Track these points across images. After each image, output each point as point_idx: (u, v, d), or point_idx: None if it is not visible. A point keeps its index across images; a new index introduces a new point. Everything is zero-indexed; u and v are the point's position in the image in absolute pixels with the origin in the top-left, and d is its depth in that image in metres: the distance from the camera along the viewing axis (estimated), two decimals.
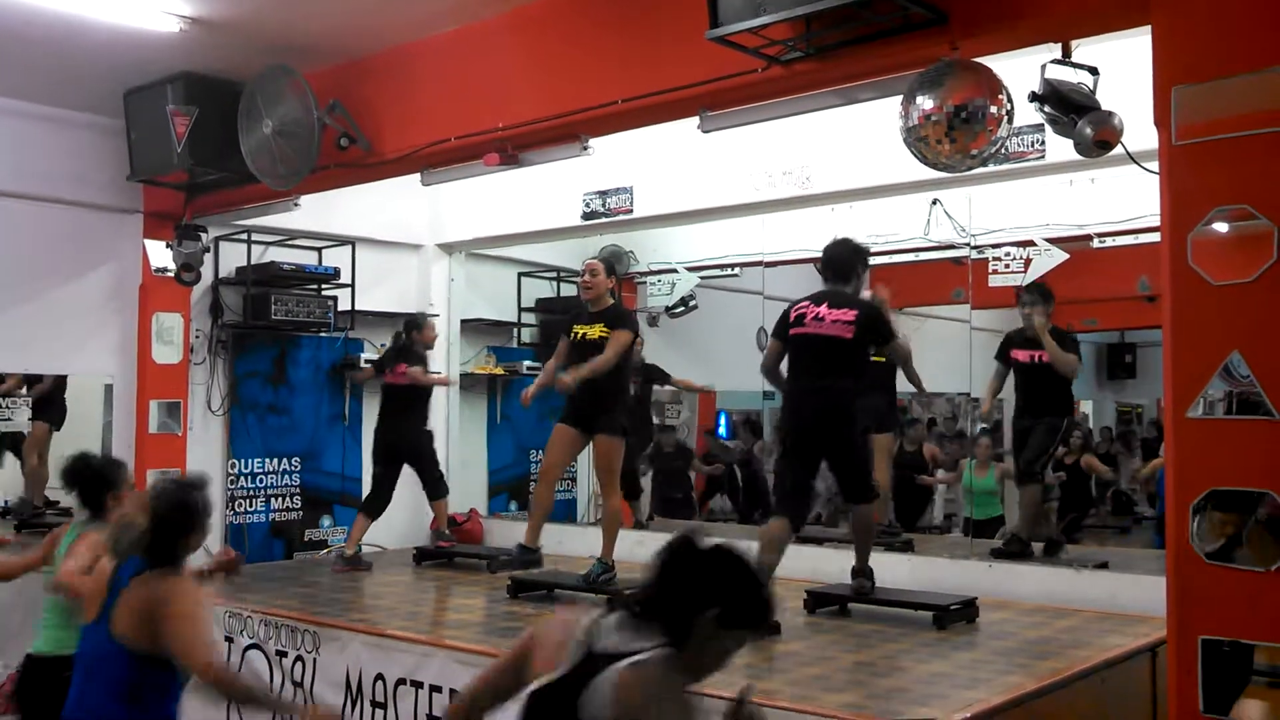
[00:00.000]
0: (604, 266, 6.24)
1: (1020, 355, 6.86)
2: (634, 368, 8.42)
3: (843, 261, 5.66)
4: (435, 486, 7.74)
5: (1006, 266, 6.92)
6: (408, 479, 7.70)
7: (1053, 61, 4.00)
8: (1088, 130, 3.87)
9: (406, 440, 7.65)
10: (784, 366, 5.65)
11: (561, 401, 6.29)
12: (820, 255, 5.76)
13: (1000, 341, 7.09)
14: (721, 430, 11.14)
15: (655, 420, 9.85)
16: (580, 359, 6.08)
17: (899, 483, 8.71)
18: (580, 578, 6.07)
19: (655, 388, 9.42)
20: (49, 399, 7.86)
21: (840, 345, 5.43)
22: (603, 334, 6.05)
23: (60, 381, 7.67)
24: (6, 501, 7.82)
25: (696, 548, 2.44)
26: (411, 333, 7.77)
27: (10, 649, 6.02)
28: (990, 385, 7.16)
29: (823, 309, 5.50)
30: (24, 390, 7.67)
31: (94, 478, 4.56)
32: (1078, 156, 4.07)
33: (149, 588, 3.44)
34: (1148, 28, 3.48)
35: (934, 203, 7.03)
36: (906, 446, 9.19)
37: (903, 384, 7.44)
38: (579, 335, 6.16)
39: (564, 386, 5.96)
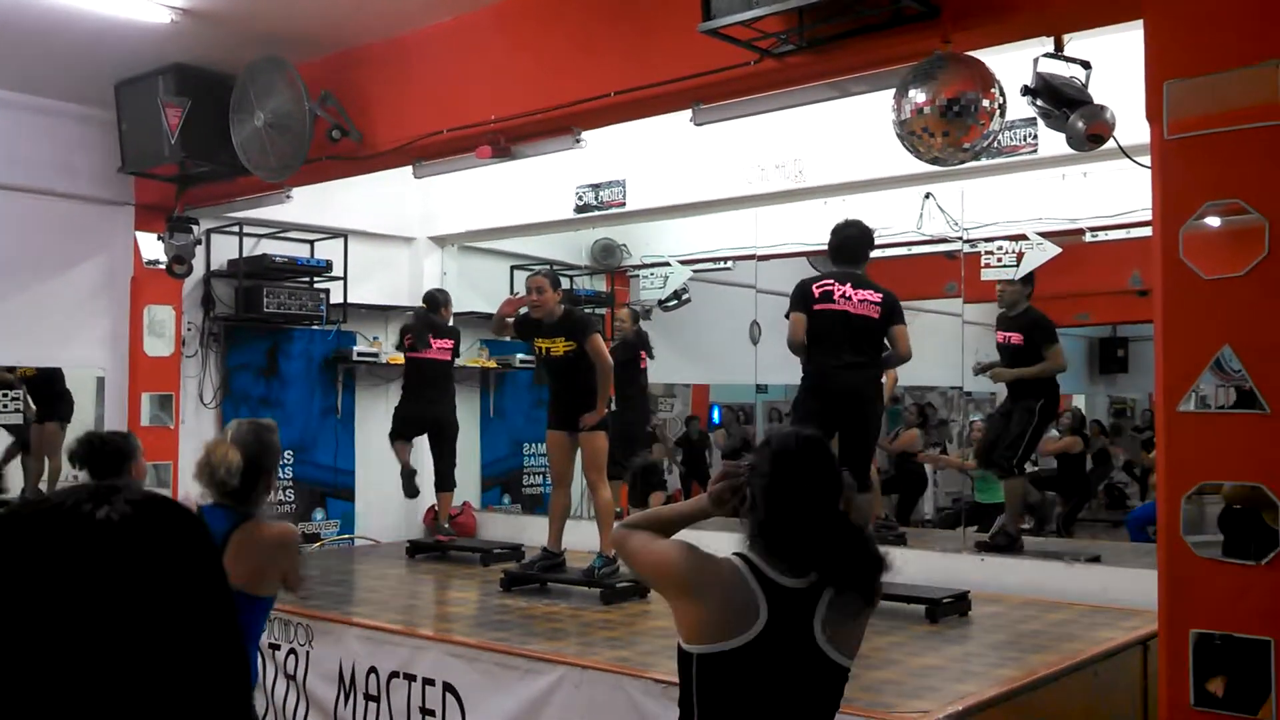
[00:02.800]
0: (549, 281, 6.34)
1: (998, 337, 6.88)
2: (629, 343, 8.49)
3: (855, 244, 5.71)
4: (446, 478, 7.69)
5: (999, 260, 6.93)
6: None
7: (1045, 55, 4.00)
8: (1080, 124, 3.87)
9: (439, 415, 7.66)
10: None
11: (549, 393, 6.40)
12: (831, 237, 5.76)
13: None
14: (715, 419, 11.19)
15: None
16: (553, 374, 6.33)
17: (892, 476, 8.76)
18: (582, 572, 6.08)
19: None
20: (54, 396, 7.84)
21: (870, 325, 5.52)
22: (567, 347, 6.15)
23: (57, 375, 7.66)
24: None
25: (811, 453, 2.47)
26: (440, 309, 7.74)
27: None
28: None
29: (848, 288, 5.53)
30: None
31: (113, 453, 4.49)
32: (1070, 150, 4.09)
33: (259, 534, 3.37)
34: (1140, 22, 3.48)
35: (926, 196, 7.03)
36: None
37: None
38: (544, 350, 6.28)
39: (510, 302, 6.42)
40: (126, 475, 4.47)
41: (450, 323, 7.89)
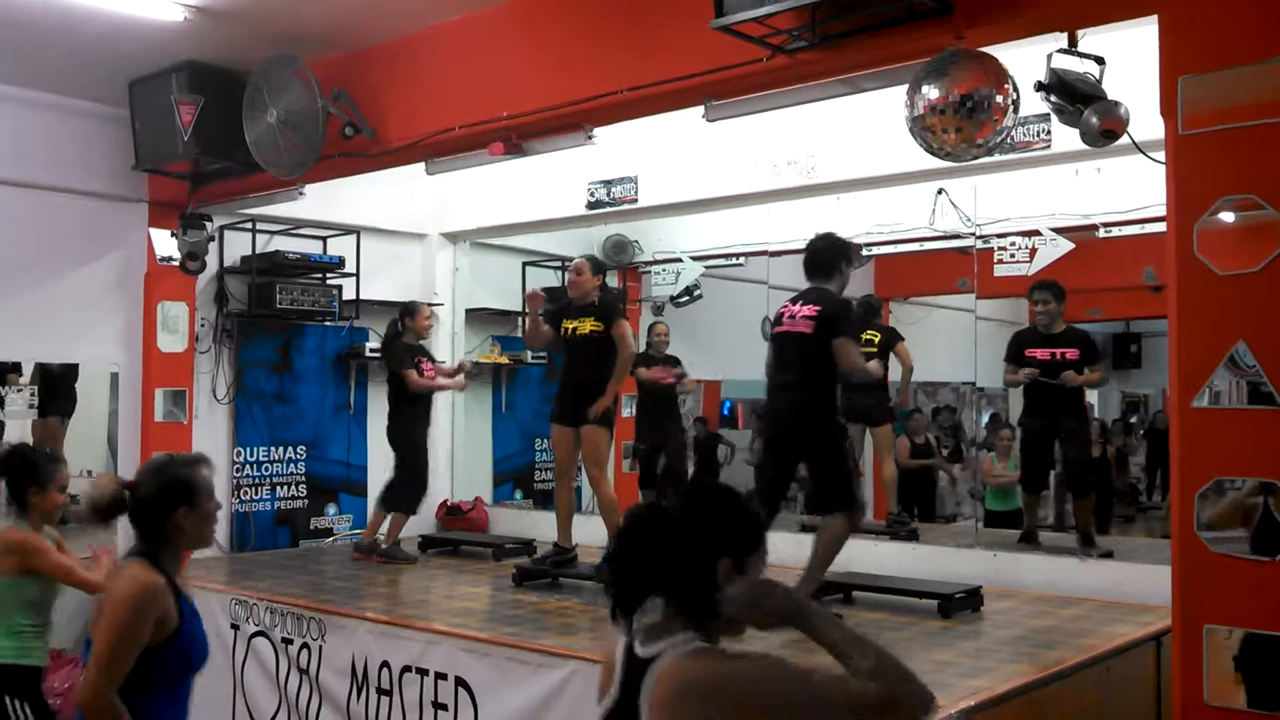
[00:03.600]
0: (590, 265, 6.36)
1: (1039, 354, 6.67)
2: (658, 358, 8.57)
3: (820, 257, 5.54)
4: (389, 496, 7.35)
5: (1012, 256, 6.91)
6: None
7: (1059, 51, 3.99)
8: (1094, 120, 3.86)
9: (392, 431, 7.48)
10: None
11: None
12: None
13: (1009, 341, 6.95)
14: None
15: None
16: (573, 354, 6.29)
17: (907, 474, 8.72)
18: (591, 567, 6.08)
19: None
20: (56, 390, 7.87)
21: (802, 341, 5.33)
22: (594, 328, 6.16)
23: (68, 371, 7.68)
24: None
25: (657, 512, 2.23)
26: (405, 319, 7.50)
27: None
28: (1008, 380, 7.02)
29: (796, 306, 5.45)
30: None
31: (25, 468, 4.49)
32: (1083, 146, 4.07)
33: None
34: (1154, 17, 3.47)
35: (939, 192, 7.02)
36: (915, 439, 9.20)
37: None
38: (569, 330, 6.26)
39: (533, 296, 6.41)
40: (35, 498, 4.45)
41: (424, 336, 7.63)
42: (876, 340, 7.77)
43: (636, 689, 2.10)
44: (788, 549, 6.99)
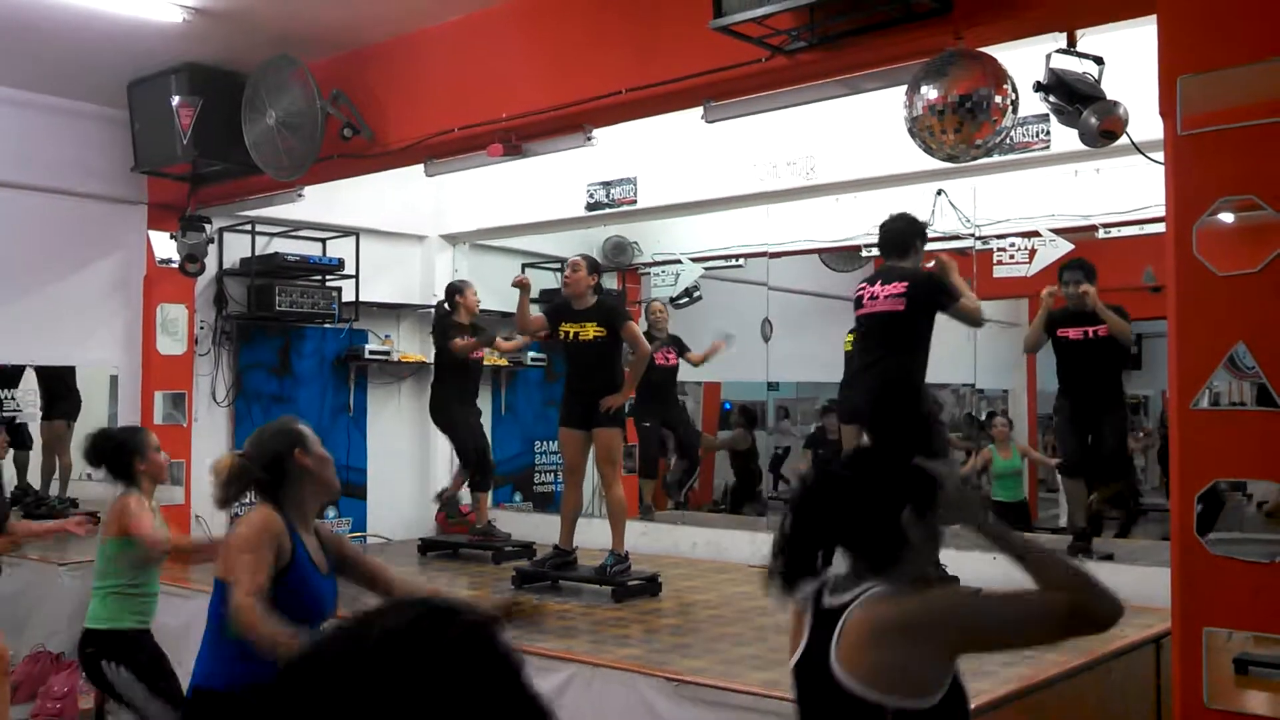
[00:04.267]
0: (586, 264, 6.33)
1: (1071, 333, 6.34)
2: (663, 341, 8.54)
3: (897, 236, 5.57)
4: (471, 479, 7.60)
5: (1011, 257, 6.91)
6: (418, 469, 7.69)
7: (1058, 51, 3.98)
8: (1093, 120, 3.86)
9: (435, 409, 7.57)
10: None
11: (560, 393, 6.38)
12: (876, 232, 5.70)
13: (1044, 318, 6.55)
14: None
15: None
16: (578, 360, 6.24)
17: None
18: (594, 570, 6.08)
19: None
20: (60, 394, 7.89)
21: (890, 319, 5.35)
22: (597, 332, 6.12)
23: (69, 373, 7.69)
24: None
25: (829, 476, 2.37)
26: (455, 297, 7.56)
27: (24, 637, 6.08)
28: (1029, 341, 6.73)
29: (877, 287, 5.46)
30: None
31: (117, 448, 4.62)
32: (1083, 146, 4.07)
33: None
34: (1153, 17, 3.46)
35: (939, 193, 7.01)
36: None
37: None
38: (570, 335, 6.21)
39: (521, 282, 6.43)
40: (141, 467, 4.58)
41: (474, 313, 7.64)
42: None
43: (827, 639, 2.17)
44: None
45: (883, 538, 2.22)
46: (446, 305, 7.64)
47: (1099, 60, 3.99)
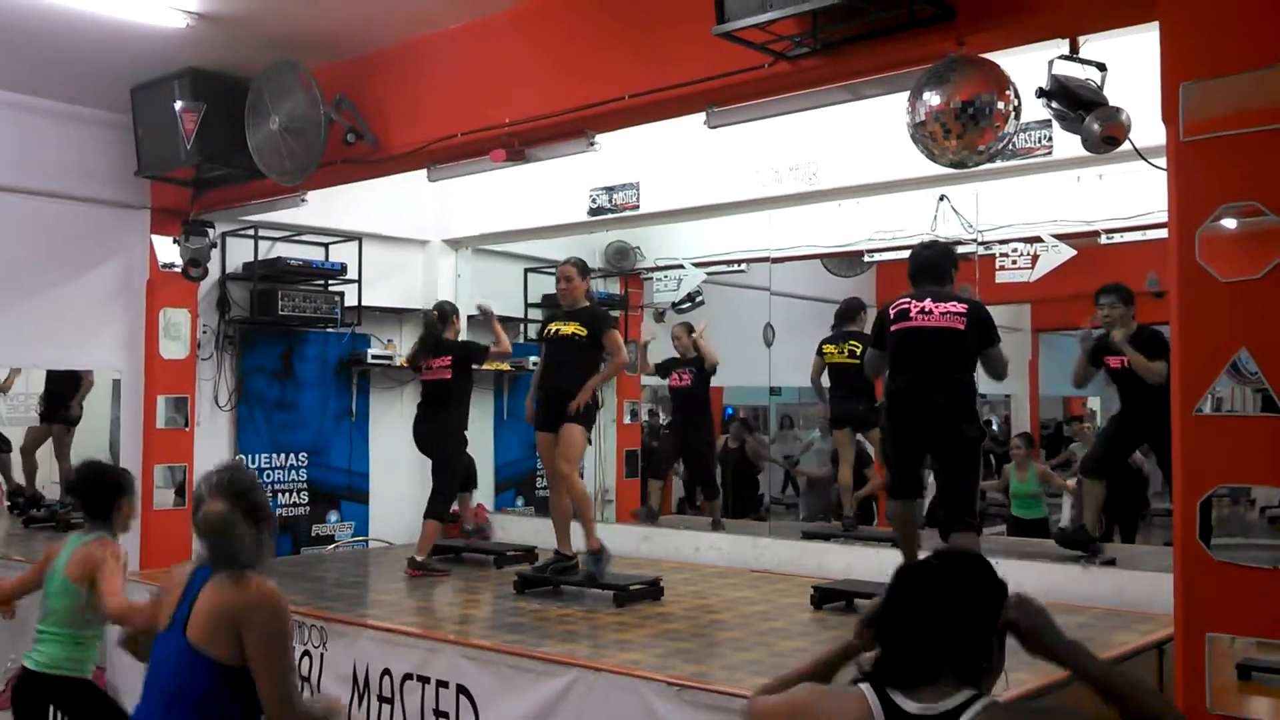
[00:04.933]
0: (578, 270, 6.38)
1: (1112, 362, 6.33)
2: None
3: (934, 263, 5.43)
4: (431, 505, 7.11)
5: (1014, 263, 6.91)
6: (420, 474, 7.68)
7: (1060, 57, 3.99)
8: (1095, 126, 3.86)
9: (430, 439, 7.31)
10: None
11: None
12: (909, 261, 5.51)
13: (1093, 347, 6.49)
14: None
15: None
16: (551, 357, 6.32)
17: None
18: (584, 576, 6.08)
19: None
20: (60, 399, 7.90)
21: (954, 336, 5.20)
22: (576, 330, 6.19)
23: (70, 377, 7.70)
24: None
25: (932, 569, 2.41)
26: (451, 318, 7.46)
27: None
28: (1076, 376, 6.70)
29: (927, 303, 5.26)
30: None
31: (111, 485, 4.43)
32: (1085, 152, 4.07)
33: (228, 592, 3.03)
34: (1156, 23, 3.47)
35: (941, 199, 7.01)
36: None
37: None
38: (553, 332, 6.29)
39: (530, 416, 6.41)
40: (117, 513, 4.40)
41: (460, 336, 7.63)
42: (859, 351, 7.63)
43: None
44: (790, 555, 7.00)
45: (981, 650, 2.35)
46: (440, 324, 7.40)
47: (1102, 66, 4.00)
